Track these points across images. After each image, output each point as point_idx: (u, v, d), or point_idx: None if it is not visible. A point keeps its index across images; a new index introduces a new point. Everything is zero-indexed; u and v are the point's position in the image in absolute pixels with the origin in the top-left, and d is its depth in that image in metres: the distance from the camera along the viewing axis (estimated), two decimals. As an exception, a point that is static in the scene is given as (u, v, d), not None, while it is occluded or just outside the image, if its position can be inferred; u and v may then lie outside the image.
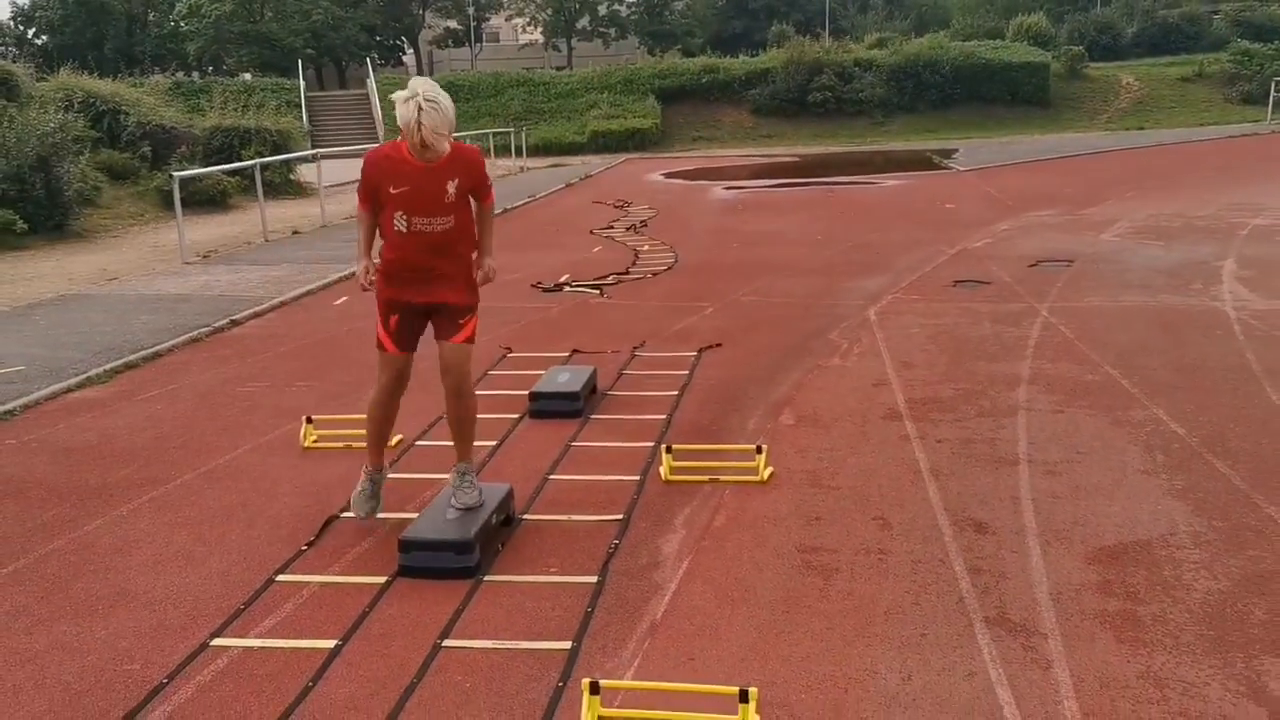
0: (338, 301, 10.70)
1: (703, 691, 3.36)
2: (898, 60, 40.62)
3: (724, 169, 28.11)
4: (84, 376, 7.70)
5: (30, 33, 62.68)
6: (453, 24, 68.50)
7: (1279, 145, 26.77)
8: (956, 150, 30.15)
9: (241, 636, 3.92)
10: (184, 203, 18.96)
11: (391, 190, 4.38)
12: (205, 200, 19.20)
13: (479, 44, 70.47)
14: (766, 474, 5.35)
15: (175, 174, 14.53)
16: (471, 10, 66.91)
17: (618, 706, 3.35)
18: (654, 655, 3.73)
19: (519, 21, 69.63)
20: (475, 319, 4.71)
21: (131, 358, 8.23)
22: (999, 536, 4.59)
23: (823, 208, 18.07)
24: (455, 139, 4.40)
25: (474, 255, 4.73)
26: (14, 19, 62.75)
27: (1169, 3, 52.23)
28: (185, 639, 3.92)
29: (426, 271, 4.52)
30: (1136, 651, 3.62)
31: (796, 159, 31.10)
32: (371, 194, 4.51)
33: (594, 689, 3.27)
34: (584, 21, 64.74)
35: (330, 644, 3.84)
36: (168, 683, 3.62)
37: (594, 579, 4.31)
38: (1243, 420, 6.01)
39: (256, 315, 9.95)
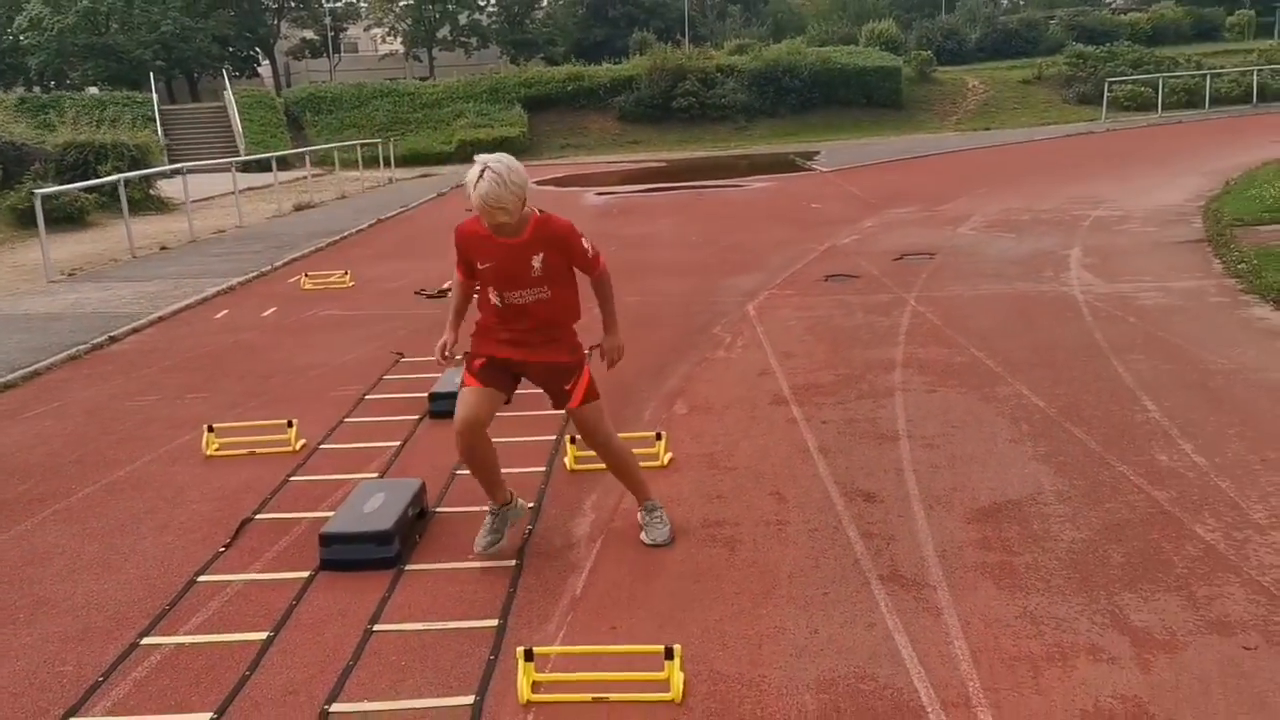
0: (218, 315, 10.59)
1: (630, 652, 3.61)
2: (758, 66, 41.59)
3: (594, 175, 28.43)
4: (-38, 397, 7.52)
5: None
6: (309, 34, 67.25)
7: (1114, 142, 28.40)
8: (818, 152, 31.09)
9: (171, 634, 4.01)
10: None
11: (480, 265, 4.31)
12: (62, 218, 18.55)
13: (337, 55, 69.33)
14: (666, 459, 5.63)
15: (37, 191, 14.10)
16: (328, 20, 65.85)
17: (549, 671, 3.57)
18: (578, 627, 3.96)
19: (378, 32, 68.77)
20: (584, 376, 4.52)
21: (10, 377, 8.06)
22: (886, 504, 4.96)
23: (694, 211, 18.52)
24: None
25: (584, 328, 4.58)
26: None
27: (1008, 9, 54.72)
28: (114, 640, 3.99)
29: (525, 335, 4.38)
30: (1014, 596, 4.01)
31: (664, 164, 31.62)
32: (466, 265, 4.42)
33: (528, 656, 3.48)
34: (444, 31, 64.37)
35: (262, 635, 3.96)
36: (104, 680, 3.70)
37: (513, 562, 4.52)
38: (1094, 391, 6.54)
39: (135, 331, 9.80)
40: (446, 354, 4.55)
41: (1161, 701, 3.29)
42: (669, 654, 3.45)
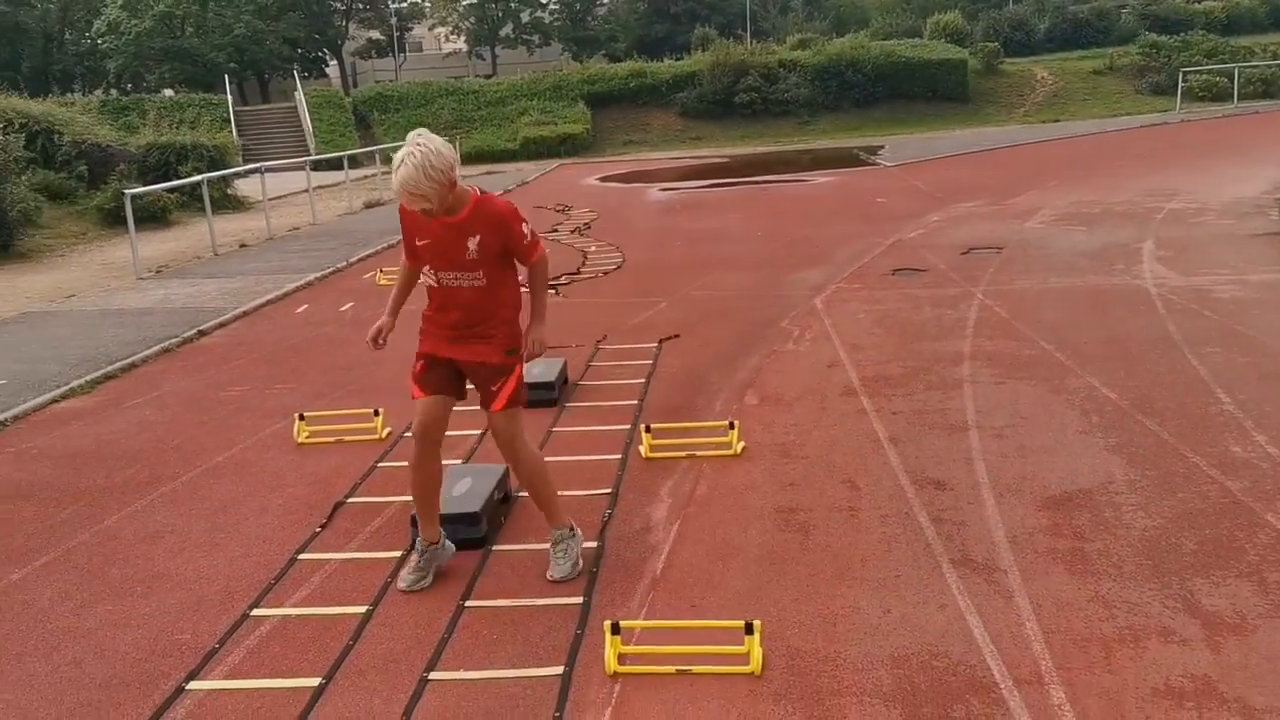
0: (299, 310, 10.95)
1: (711, 627, 3.79)
2: (821, 60, 41.46)
3: (657, 171, 28.59)
4: (67, 388, 7.90)
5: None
6: (375, 35, 68.22)
7: (1188, 133, 27.95)
8: (882, 147, 30.96)
9: (278, 607, 4.26)
10: (125, 220, 19.05)
11: (418, 242, 4.24)
12: (147, 217, 19.13)
13: (402, 54, 70.28)
14: (739, 447, 5.79)
15: (126, 191, 14.60)
16: (394, 21, 66.75)
17: (634, 645, 3.76)
18: (659, 604, 4.14)
19: (442, 31, 69.56)
20: (513, 380, 4.33)
21: (109, 369, 8.44)
22: (956, 492, 5.07)
23: (758, 206, 18.61)
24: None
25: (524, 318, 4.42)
26: (-78, 40, 61.26)
27: (1078, -1, 53.89)
28: (226, 612, 4.25)
29: (458, 327, 4.27)
30: (1085, 580, 4.11)
31: (727, 160, 31.70)
32: (408, 245, 4.34)
33: (615, 629, 3.67)
34: (507, 29, 64.95)
35: (362, 609, 4.19)
36: (219, 648, 3.96)
37: (594, 544, 4.71)
38: (1167, 384, 6.58)
39: (221, 325, 10.17)
40: (380, 340, 4.47)
41: (1231, 680, 3.38)
42: (749, 629, 3.61)
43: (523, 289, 4.33)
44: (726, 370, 7.56)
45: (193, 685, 3.72)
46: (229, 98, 38.54)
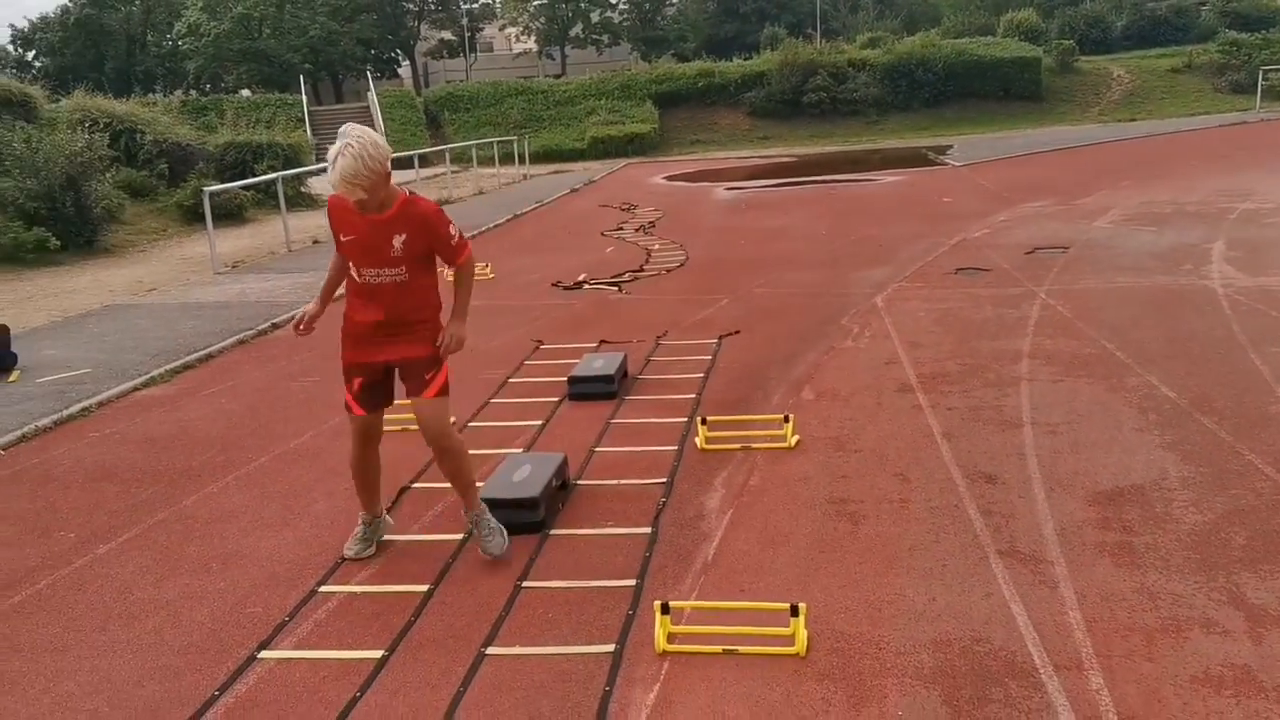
0: (369, 304, 11.21)
1: (758, 608, 3.90)
2: (891, 59, 41.18)
3: (724, 170, 28.66)
4: (147, 377, 8.23)
5: (30, 55, 63.22)
6: (447, 35, 69.11)
7: (1267, 133, 27.33)
8: (951, 146, 30.70)
9: (344, 584, 4.46)
10: (203, 217, 19.58)
11: (342, 237, 4.31)
12: (223, 214, 19.67)
13: (473, 54, 71.11)
14: (794, 440, 5.89)
15: (206, 189, 15.06)
16: (465, 21, 67.55)
17: (684, 624, 3.89)
18: (709, 588, 4.26)
19: (512, 31, 70.22)
20: (443, 372, 4.50)
21: (188, 359, 8.77)
22: (1007, 485, 5.12)
23: (823, 205, 18.61)
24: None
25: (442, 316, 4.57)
26: (14, 42, 63.36)
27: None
28: (295, 588, 4.46)
29: (383, 327, 4.37)
30: (1131, 572, 4.16)
31: (794, 159, 31.65)
32: (336, 238, 4.41)
33: (664, 609, 3.80)
34: (577, 29, 65.38)
35: (424, 587, 4.37)
36: (289, 620, 4.17)
37: (648, 530, 4.85)
38: (1228, 383, 6.54)
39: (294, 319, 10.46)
40: (303, 325, 4.51)
41: (1271, 670, 3.42)
42: (794, 611, 3.72)
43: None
44: (785, 366, 7.65)
45: (264, 654, 3.93)
46: (304, 98, 39.31)
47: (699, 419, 6.12)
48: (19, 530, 5.31)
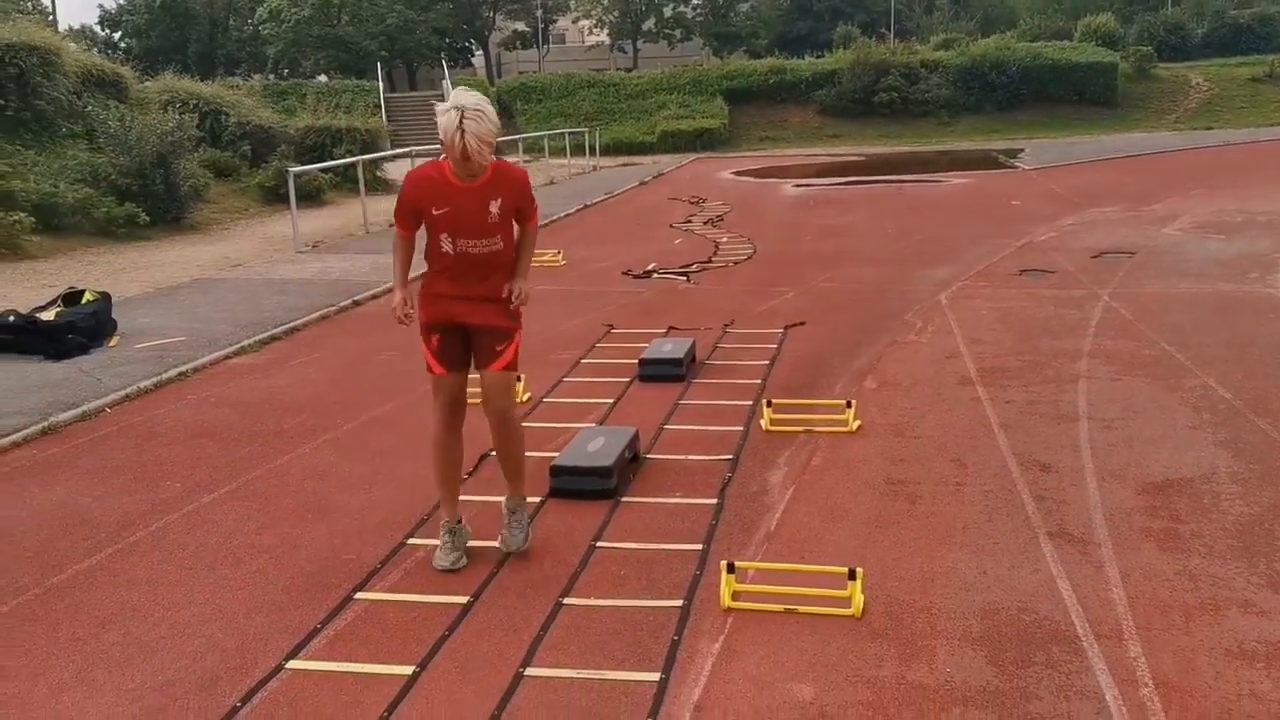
0: (445, 286, 11.61)
1: (818, 571, 4.17)
2: (964, 61, 40.94)
3: (792, 167, 28.79)
4: (238, 346, 8.68)
5: (117, 36, 64.93)
6: (521, 26, 69.77)
7: (1349, 145, 26.89)
8: (1022, 150, 30.52)
9: (431, 538, 4.79)
10: (283, 198, 20.11)
11: (434, 211, 4.24)
12: (302, 195, 20.17)
13: (546, 45, 71.67)
14: (855, 425, 6.14)
15: (290, 169, 15.61)
16: (539, 13, 68.14)
17: (748, 583, 4.17)
18: (771, 555, 4.53)
19: (585, 23, 70.69)
20: (515, 345, 4.50)
21: (274, 331, 9.21)
22: (1060, 474, 5.33)
23: (891, 204, 18.72)
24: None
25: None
26: (100, 23, 65.12)
27: (1240, 3, 51.81)
28: (385, 539, 4.82)
29: (469, 295, 4.38)
30: (1175, 556, 4.36)
31: (863, 158, 31.66)
32: (413, 216, 4.35)
33: (730, 568, 4.09)
34: (649, 23, 65.64)
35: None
36: (380, 567, 4.52)
37: (714, 501, 5.13)
38: (1285, 387, 6.67)
39: (374, 296, 10.91)
40: (403, 314, 4.56)
41: (1303, 648, 3.62)
42: (851, 575, 3.99)
43: None
44: (848, 357, 7.88)
45: (359, 595, 4.28)
46: (380, 84, 40.04)
47: (764, 402, 6.39)
48: (130, 479, 5.74)
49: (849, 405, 6.26)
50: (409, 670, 3.69)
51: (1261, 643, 3.66)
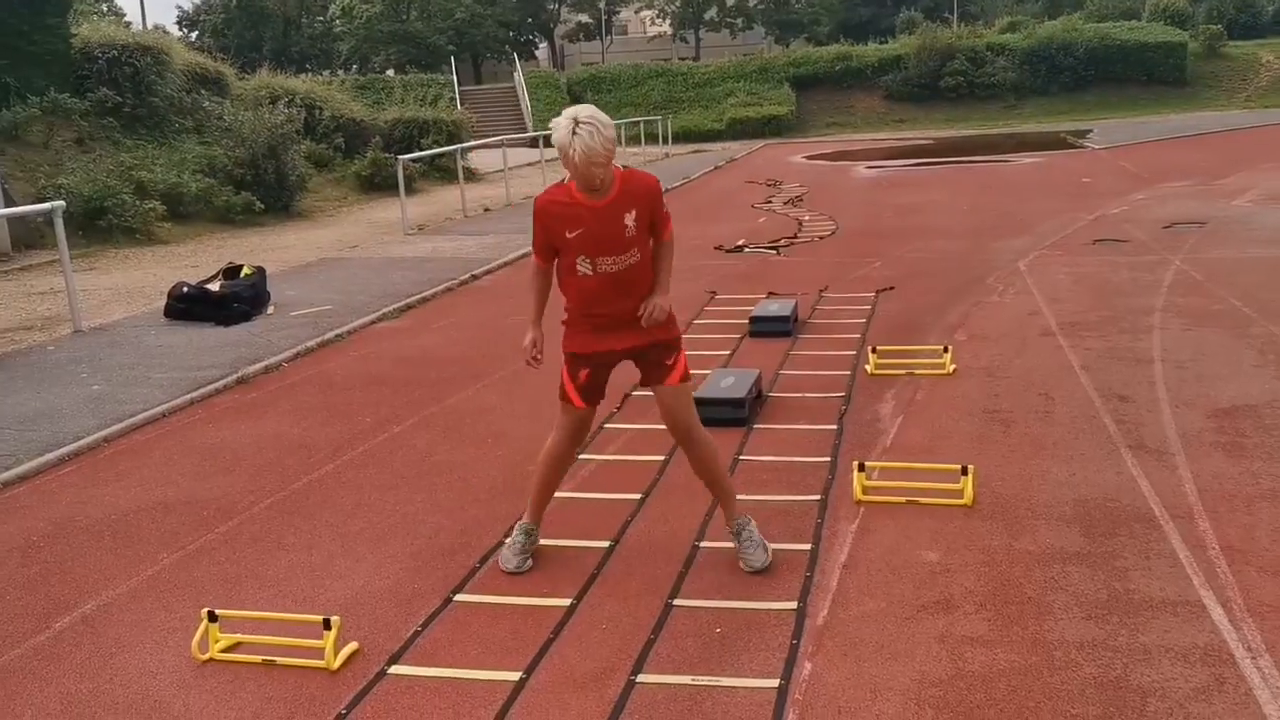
0: (551, 262, 12.54)
1: (934, 469, 4.99)
2: (1030, 44, 41.17)
3: (861, 151, 29.40)
4: (380, 313, 9.66)
5: (194, 36, 67.00)
6: (584, 18, 70.78)
7: None
8: (1091, 131, 30.82)
9: (599, 454, 5.68)
10: (378, 186, 21.35)
11: (568, 235, 4.01)
12: (394, 184, 21.38)
13: (609, 37, 72.59)
14: (952, 368, 6.92)
15: (400, 158, 16.66)
16: (603, 4, 69.07)
17: (875, 480, 5.00)
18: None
19: (648, 14, 71.50)
20: (683, 354, 4.28)
21: (409, 300, 10.19)
22: (1137, 404, 6.08)
23: (962, 184, 19.33)
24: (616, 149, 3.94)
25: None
26: (179, 23, 67.28)
27: (1313, -22, 51.22)
28: (559, 455, 5.70)
29: (617, 316, 4.14)
30: (1240, 461, 5.11)
31: (931, 142, 32.16)
32: (547, 244, 4.14)
33: (860, 467, 4.92)
34: (711, 13, 66.29)
35: (661, 457, 5.56)
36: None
37: (834, 426, 5.96)
38: (1344, 334, 7.33)
39: (489, 271, 11.87)
40: (532, 356, 4.45)
41: (1348, 523, 4.37)
42: (964, 470, 4.80)
43: None
44: (938, 315, 8.65)
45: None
46: (455, 78, 41.20)
47: (869, 348, 7.20)
48: (326, 415, 6.71)
49: (946, 350, 7.05)
50: (605, 544, 4.57)
51: (1312, 520, 4.41)
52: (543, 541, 4.59)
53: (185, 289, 9.50)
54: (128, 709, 3.51)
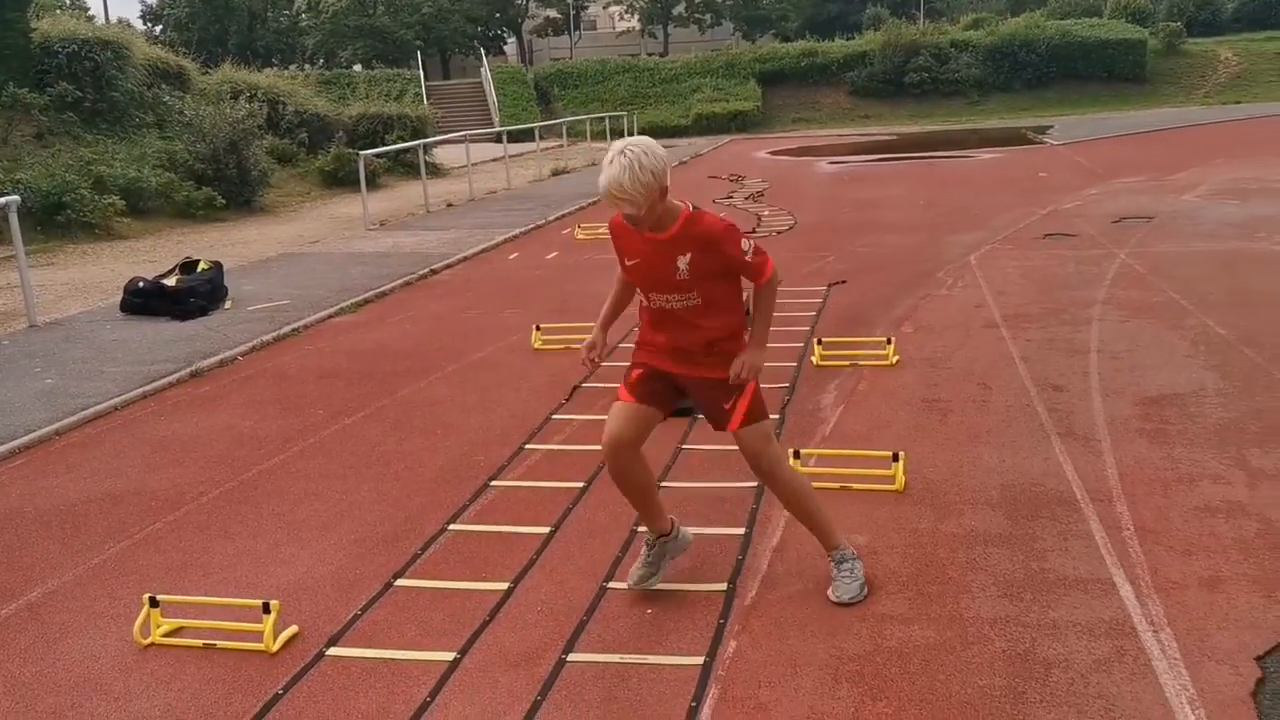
0: (511, 256, 12.67)
1: (866, 456, 5.15)
2: (994, 41, 41.58)
3: (825, 146, 29.62)
4: (337, 307, 9.73)
5: (158, 30, 66.41)
6: (552, 13, 70.75)
7: (1374, 116, 27.40)
8: (1052, 126, 31.19)
9: (545, 444, 5.80)
10: (341, 181, 21.30)
11: (627, 261, 3.90)
12: (357, 180, 21.35)
13: (577, 32, 72.61)
14: (895, 359, 7.08)
15: (361, 154, 16.68)
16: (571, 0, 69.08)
17: (812, 467, 5.15)
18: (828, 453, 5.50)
19: (616, 9, 71.53)
20: (748, 395, 3.95)
21: (366, 295, 10.26)
22: (1070, 393, 6.26)
23: (922, 179, 19.56)
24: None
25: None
26: (143, 18, 66.65)
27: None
28: (506, 446, 5.83)
29: (678, 345, 3.90)
30: (1161, 447, 5.29)
31: (895, 137, 32.44)
32: (620, 262, 3.99)
33: (795, 454, 5.06)
34: (679, 8, 66.41)
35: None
36: (507, 464, 5.53)
37: (776, 417, 6.08)
38: (1276, 325, 7.54)
39: (449, 266, 11.94)
40: (587, 358, 4.12)
41: (1257, 505, 4.54)
42: (895, 457, 4.96)
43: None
44: (886, 307, 8.82)
45: (494, 483, 5.29)
46: (421, 73, 41.13)
47: (815, 340, 7.35)
48: (278, 408, 6.79)
49: (889, 342, 7.21)
50: (545, 530, 4.69)
51: (1224, 503, 4.59)
52: (483, 528, 4.71)
53: (141, 284, 9.52)
54: (69, 689, 3.60)
